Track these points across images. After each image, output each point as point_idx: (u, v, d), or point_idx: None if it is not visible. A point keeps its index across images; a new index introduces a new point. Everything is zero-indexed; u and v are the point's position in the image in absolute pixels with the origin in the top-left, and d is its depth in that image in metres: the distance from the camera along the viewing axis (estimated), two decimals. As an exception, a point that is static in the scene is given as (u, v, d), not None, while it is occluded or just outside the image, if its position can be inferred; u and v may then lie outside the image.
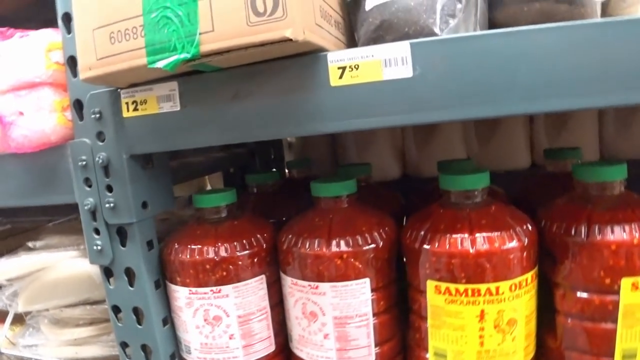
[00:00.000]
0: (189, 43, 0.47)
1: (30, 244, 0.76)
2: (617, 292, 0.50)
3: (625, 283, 0.50)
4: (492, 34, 0.46)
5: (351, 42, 0.58)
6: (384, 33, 0.52)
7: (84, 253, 0.72)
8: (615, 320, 0.51)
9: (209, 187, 1.21)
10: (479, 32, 0.50)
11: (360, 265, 0.57)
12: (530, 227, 0.54)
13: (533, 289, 0.55)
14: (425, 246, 0.55)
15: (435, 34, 0.50)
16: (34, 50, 0.61)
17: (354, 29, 0.57)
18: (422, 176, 1.04)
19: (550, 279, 0.56)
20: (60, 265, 0.71)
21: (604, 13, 0.56)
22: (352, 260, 0.56)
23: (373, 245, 0.57)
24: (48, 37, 0.61)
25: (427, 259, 0.54)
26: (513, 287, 0.52)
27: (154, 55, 0.48)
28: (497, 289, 0.52)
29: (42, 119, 0.61)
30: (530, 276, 0.54)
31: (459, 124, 1.02)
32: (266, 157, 1.08)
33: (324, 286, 0.57)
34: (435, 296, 0.54)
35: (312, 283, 0.58)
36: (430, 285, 0.55)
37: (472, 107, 0.46)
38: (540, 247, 0.55)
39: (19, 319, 0.80)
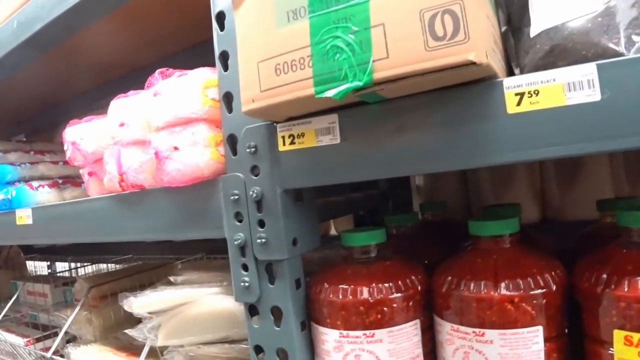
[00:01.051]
0: (361, 71, 0.45)
1: (172, 279, 0.77)
2: None
3: None
4: None
5: (508, 72, 0.54)
6: (555, 59, 0.48)
7: (226, 290, 0.71)
8: None
9: (333, 230, 1.19)
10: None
11: (532, 311, 0.51)
12: None
13: None
14: (610, 291, 0.48)
15: (620, 55, 0.45)
16: (191, 87, 0.63)
17: (512, 58, 0.54)
18: (565, 220, 0.96)
19: None
20: (202, 301, 0.71)
21: None
22: (523, 305, 0.50)
23: (545, 289, 0.51)
24: (205, 75, 0.63)
25: (613, 305, 0.48)
26: None
27: (321, 85, 0.47)
28: None
29: (196, 153, 0.62)
30: None
31: (607, 162, 0.93)
32: (399, 199, 1.05)
33: (491, 333, 0.51)
34: (625, 348, 0.47)
35: (477, 330, 0.52)
36: (619, 335, 0.48)
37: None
38: None
39: (153, 354, 0.80)
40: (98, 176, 0.83)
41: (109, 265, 1.43)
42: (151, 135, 0.67)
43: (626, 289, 0.48)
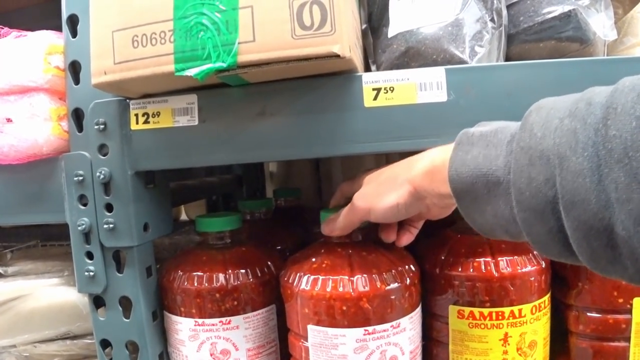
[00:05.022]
0: (225, 52, 0.44)
1: (0, 270, 0.68)
2: (630, 312, 0.53)
3: (638, 302, 0.53)
4: (526, 65, 0.48)
5: (365, 69, 0.57)
6: (409, 60, 0.52)
7: (67, 280, 0.65)
8: (628, 339, 0.54)
9: (184, 216, 1.15)
10: (513, 63, 0.51)
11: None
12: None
13: (549, 312, 0.56)
14: (447, 271, 0.54)
15: (464, 62, 0.50)
16: (31, 52, 0.55)
17: (369, 55, 0.56)
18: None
19: (562, 301, 0.58)
20: (39, 294, 0.63)
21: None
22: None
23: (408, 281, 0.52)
24: (48, 39, 0.56)
25: (449, 284, 0.54)
26: (534, 310, 0.53)
27: (182, 63, 0.45)
28: (520, 311, 0.52)
29: (34, 127, 0.55)
30: (547, 299, 0.55)
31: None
32: (253, 184, 1.04)
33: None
34: (458, 321, 0.54)
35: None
36: (453, 310, 0.54)
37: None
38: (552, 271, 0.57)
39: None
40: None
41: None
42: (-23, 104, 0.57)
43: (460, 269, 0.53)
